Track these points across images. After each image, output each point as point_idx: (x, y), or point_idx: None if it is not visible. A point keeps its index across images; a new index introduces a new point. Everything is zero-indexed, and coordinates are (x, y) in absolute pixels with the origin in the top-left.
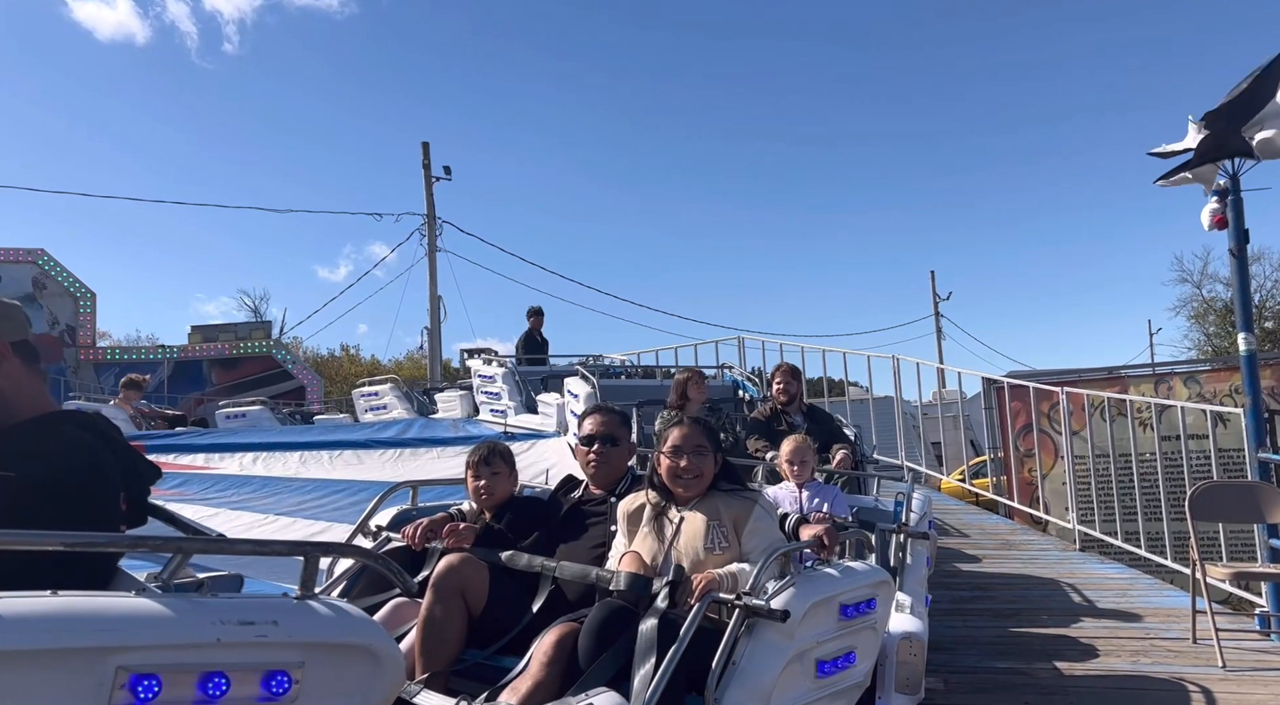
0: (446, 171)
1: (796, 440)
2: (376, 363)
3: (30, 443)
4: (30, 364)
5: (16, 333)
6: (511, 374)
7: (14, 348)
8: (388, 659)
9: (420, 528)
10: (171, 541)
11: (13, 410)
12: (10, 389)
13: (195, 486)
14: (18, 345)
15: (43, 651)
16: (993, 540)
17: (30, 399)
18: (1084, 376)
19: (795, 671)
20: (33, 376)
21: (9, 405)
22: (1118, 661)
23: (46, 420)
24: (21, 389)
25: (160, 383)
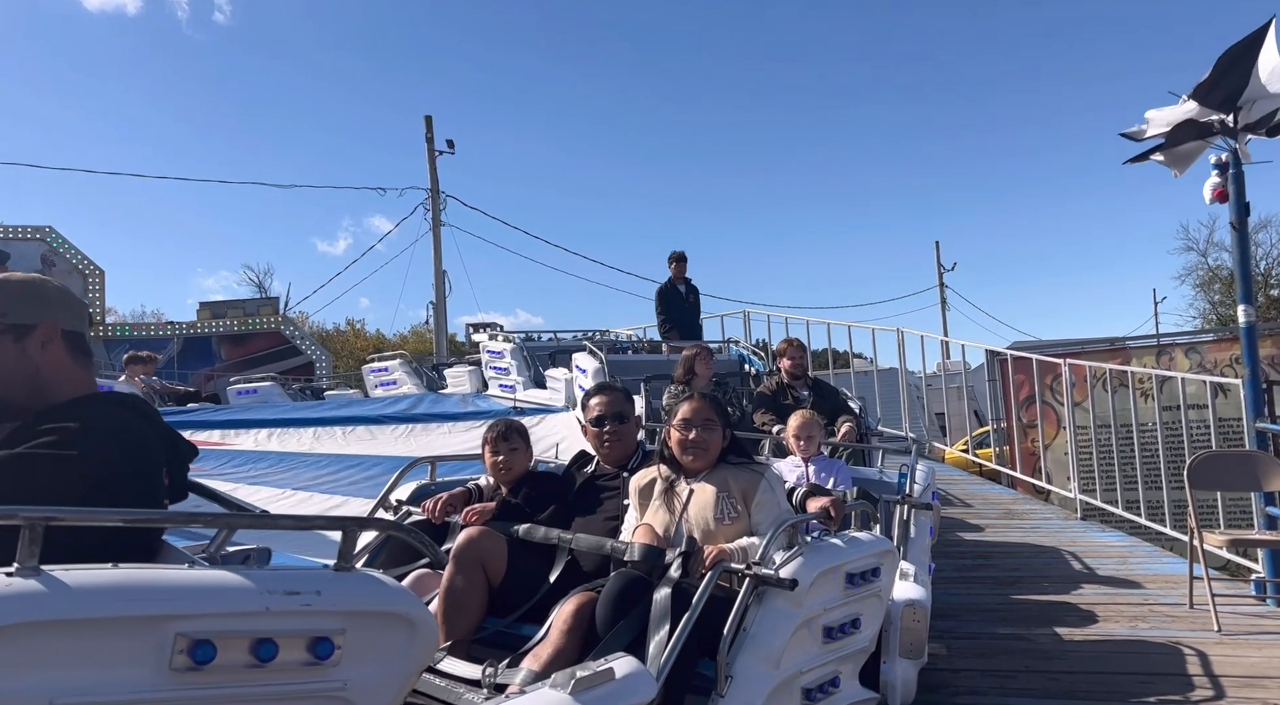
0: (449, 146)
1: (804, 415)
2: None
3: (75, 422)
4: (77, 355)
5: (71, 322)
6: (519, 349)
7: (63, 335)
8: (423, 626)
9: (440, 502)
10: (221, 517)
11: (50, 391)
12: (50, 370)
13: (211, 462)
14: (68, 333)
15: (109, 619)
16: (995, 510)
17: (71, 383)
18: (1087, 348)
19: (804, 637)
20: (77, 364)
21: (46, 386)
22: (1116, 626)
23: (90, 400)
24: (63, 373)
25: (170, 359)
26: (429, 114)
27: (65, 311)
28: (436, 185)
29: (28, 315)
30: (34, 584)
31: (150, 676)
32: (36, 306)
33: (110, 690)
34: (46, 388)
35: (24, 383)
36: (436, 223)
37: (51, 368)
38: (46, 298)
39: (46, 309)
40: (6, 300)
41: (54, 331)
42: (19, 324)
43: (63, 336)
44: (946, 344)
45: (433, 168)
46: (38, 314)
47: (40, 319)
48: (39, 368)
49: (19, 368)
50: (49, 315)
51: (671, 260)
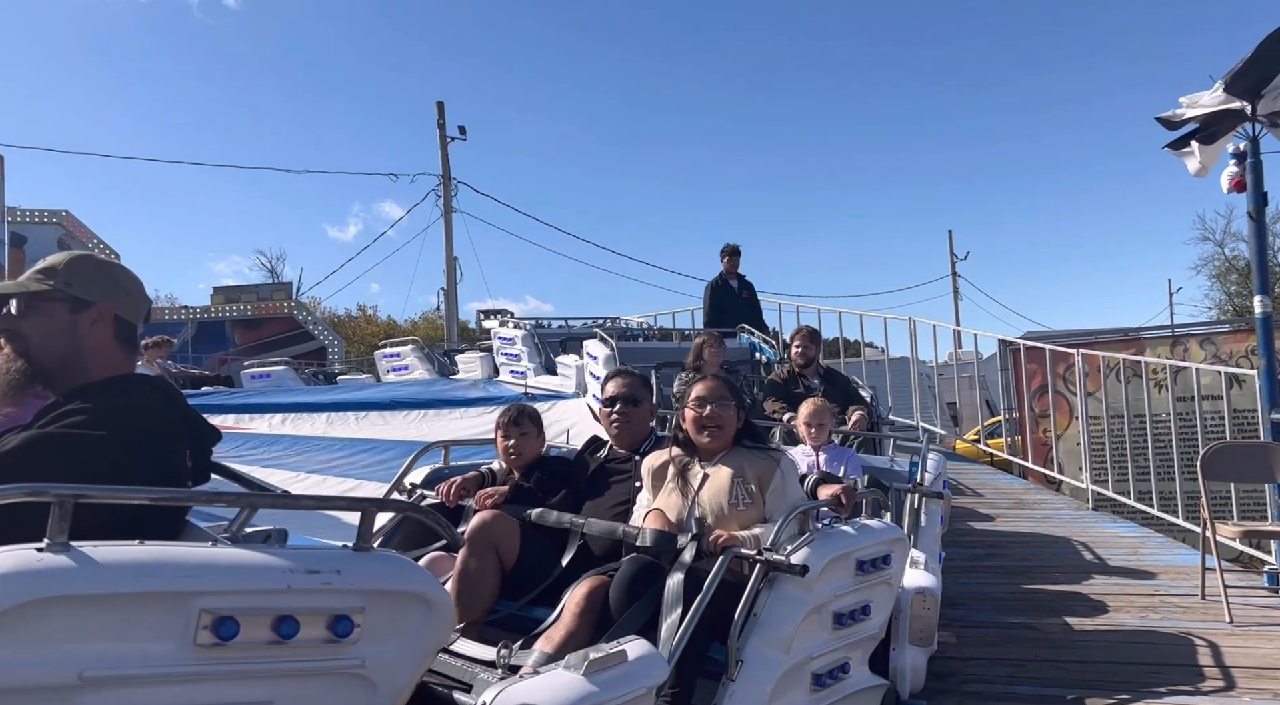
0: (461, 132)
1: (815, 403)
2: (393, 323)
3: (104, 403)
4: (123, 341)
5: (126, 310)
6: (530, 336)
7: (115, 319)
8: (440, 606)
9: (454, 486)
10: (243, 497)
11: (88, 369)
12: (92, 348)
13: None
14: (120, 319)
15: (136, 595)
16: (1006, 500)
17: (109, 365)
18: (1100, 338)
19: (814, 623)
20: (120, 349)
21: (85, 363)
22: (1127, 617)
23: (120, 381)
24: (104, 354)
25: (184, 343)
26: (440, 99)
27: (125, 299)
28: (448, 171)
29: (90, 292)
30: (64, 559)
31: (175, 651)
32: (100, 286)
33: (136, 663)
34: (84, 364)
35: (64, 353)
36: (448, 209)
37: (94, 346)
38: (113, 280)
39: (108, 291)
40: (77, 273)
41: (107, 313)
42: (79, 298)
43: (114, 321)
44: (959, 333)
45: (444, 154)
46: (99, 293)
47: (99, 298)
48: (83, 343)
49: (65, 339)
50: (108, 297)
51: (723, 254)
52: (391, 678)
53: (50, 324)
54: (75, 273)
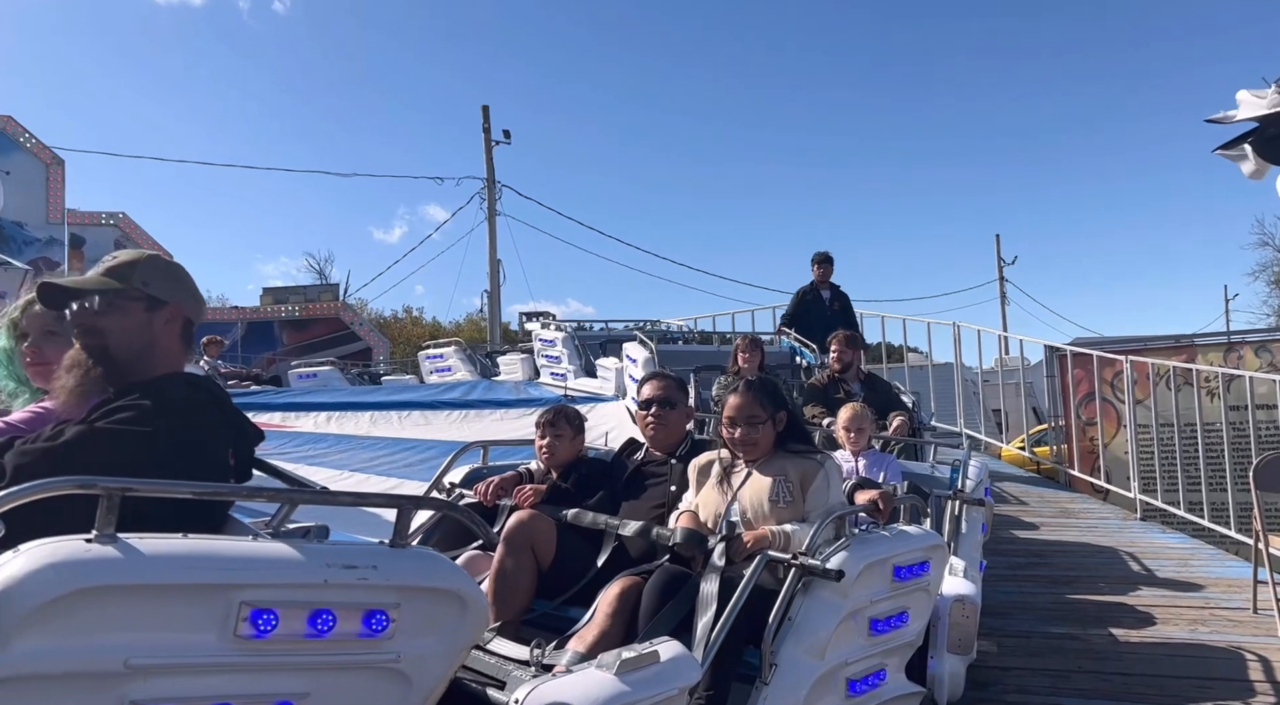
0: (506, 136)
1: (854, 408)
2: (438, 325)
3: (155, 400)
4: (185, 341)
5: (194, 312)
6: (571, 338)
7: (184, 320)
8: (474, 603)
9: (492, 485)
10: (283, 492)
11: (152, 365)
12: (161, 346)
13: (273, 443)
14: (188, 321)
15: (179, 586)
16: (1051, 508)
17: (169, 364)
18: (1149, 344)
19: (849, 628)
20: (182, 348)
21: (152, 359)
22: (1174, 629)
23: (171, 379)
24: (169, 353)
25: (234, 343)
26: (485, 103)
27: (193, 301)
28: (493, 175)
29: (165, 292)
30: (111, 550)
31: (215, 642)
32: (175, 287)
33: (178, 653)
34: (151, 361)
35: (137, 349)
36: (492, 212)
37: (163, 345)
38: (181, 282)
39: (181, 292)
40: (154, 273)
41: (178, 313)
42: (155, 298)
43: (183, 322)
44: (1005, 339)
45: (489, 158)
46: (173, 293)
47: (173, 298)
48: (155, 341)
49: (139, 335)
50: (181, 298)
51: (813, 263)
52: (426, 673)
53: (127, 321)
54: (150, 273)
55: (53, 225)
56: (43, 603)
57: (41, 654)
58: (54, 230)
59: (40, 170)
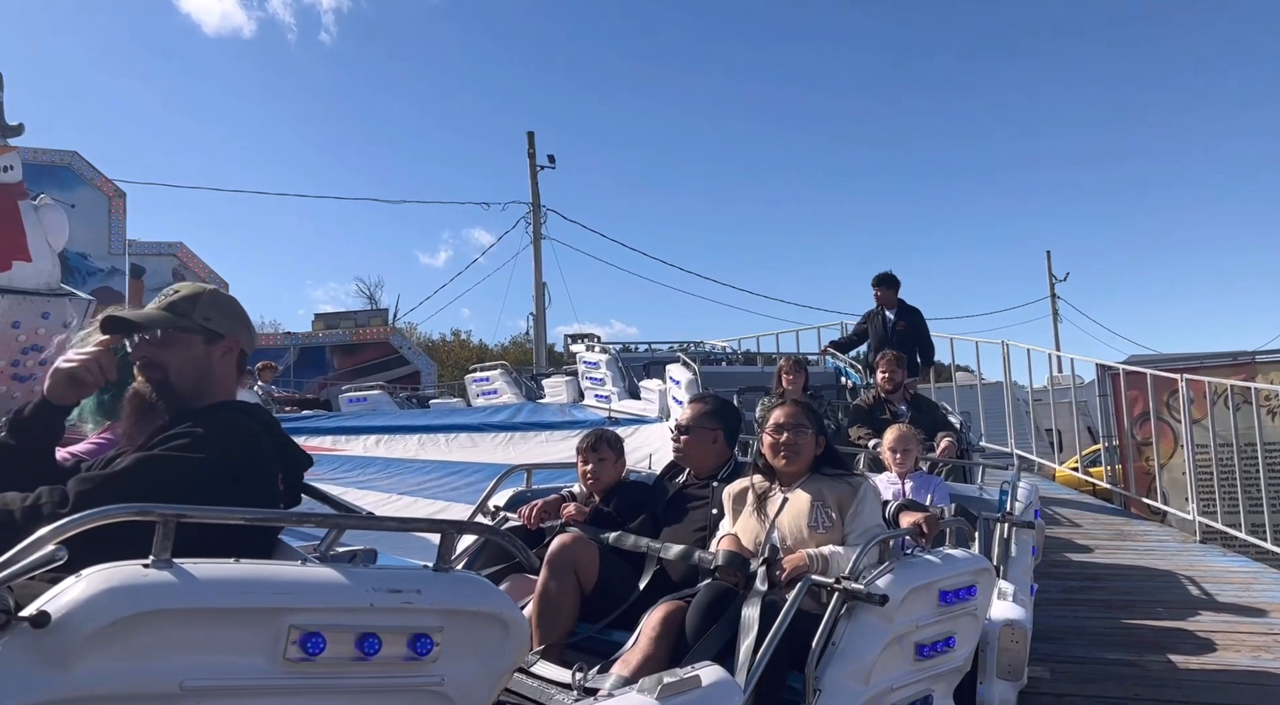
0: (550, 160)
1: (900, 429)
2: (484, 347)
3: (208, 427)
4: (240, 372)
5: (249, 343)
6: (615, 360)
7: (240, 352)
8: (516, 627)
9: (535, 508)
10: (330, 518)
11: (209, 394)
12: (218, 377)
13: (324, 467)
14: (243, 352)
15: (231, 610)
16: (1106, 531)
17: (222, 391)
18: (1206, 362)
19: (894, 653)
20: (236, 377)
21: (209, 389)
22: (1237, 656)
23: (223, 407)
24: (225, 382)
25: (287, 367)
26: (531, 130)
27: (248, 333)
28: (538, 199)
29: (224, 326)
30: (167, 575)
31: (266, 665)
32: (232, 321)
33: (231, 675)
34: (208, 390)
35: (195, 380)
36: (537, 236)
37: (220, 375)
38: (238, 316)
39: (237, 326)
40: (214, 308)
41: (235, 346)
42: (214, 331)
43: (239, 353)
44: (1058, 357)
45: (534, 182)
46: (231, 327)
47: (231, 332)
48: (212, 371)
49: (198, 366)
50: (238, 331)
51: (873, 285)
52: (469, 696)
53: (186, 354)
54: (210, 307)
55: (114, 256)
56: (103, 626)
57: (101, 675)
58: (116, 261)
59: (103, 203)
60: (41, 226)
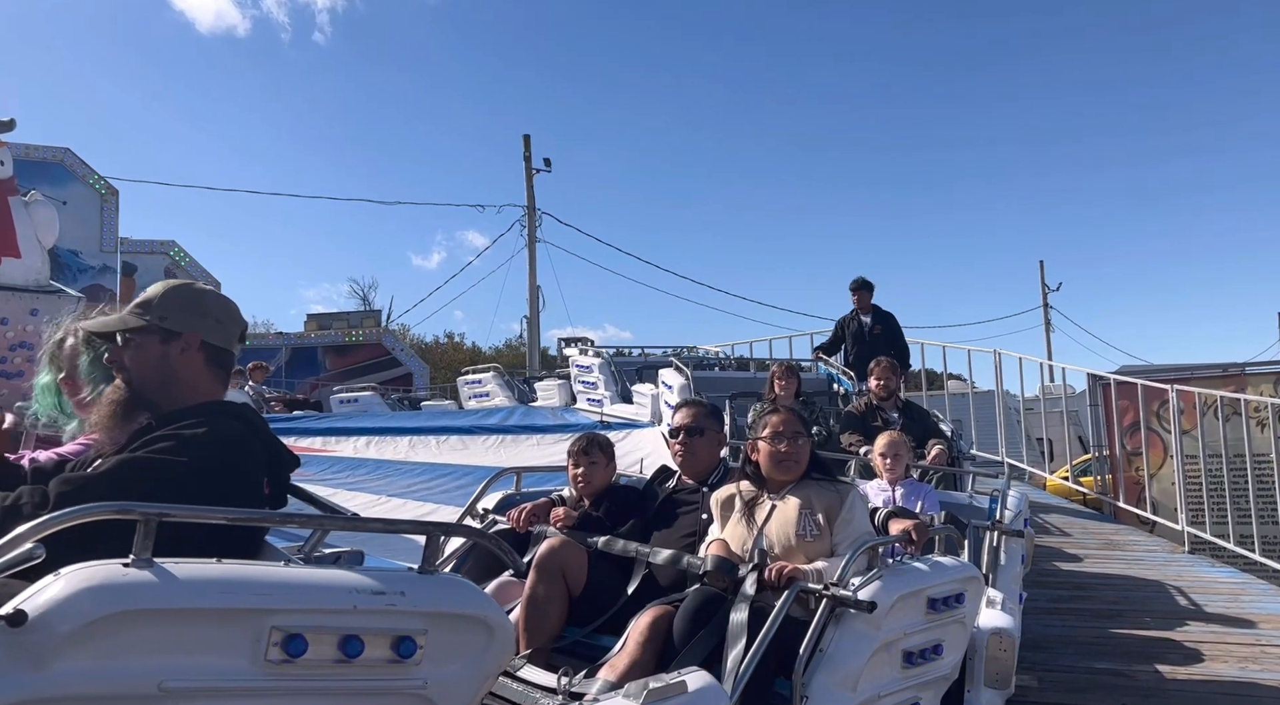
0: (546, 164)
1: (891, 436)
2: (478, 350)
3: (189, 430)
4: (214, 366)
5: (215, 336)
6: (607, 364)
7: (203, 346)
8: (501, 631)
9: (524, 512)
10: (314, 519)
11: (180, 395)
12: (184, 375)
13: (314, 468)
14: (209, 345)
15: (212, 610)
16: (1095, 540)
17: (201, 390)
18: (1197, 373)
19: (882, 660)
20: (212, 375)
21: (178, 389)
22: (1224, 667)
23: (207, 408)
24: (195, 380)
25: (279, 367)
26: (527, 133)
27: (214, 325)
28: (533, 203)
29: (179, 323)
30: (148, 575)
31: (246, 666)
32: (192, 316)
33: (211, 676)
34: (177, 390)
35: (160, 381)
36: (532, 239)
37: (187, 373)
38: (201, 309)
39: (196, 320)
40: (172, 305)
41: (195, 342)
42: (170, 329)
43: (202, 347)
44: (1050, 367)
45: (530, 186)
46: (187, 323)
47: (187, 328)
48: (175, 371)
49: (158, 367)
50: (196, 326)
51: (851, 289)
52: (452, 699)
53: (145, 355)
54: (167, 305)
55: (106, 254)
56: (81, 626)
57: (78, 675)
58: (107, 259)
59: (95, 200)
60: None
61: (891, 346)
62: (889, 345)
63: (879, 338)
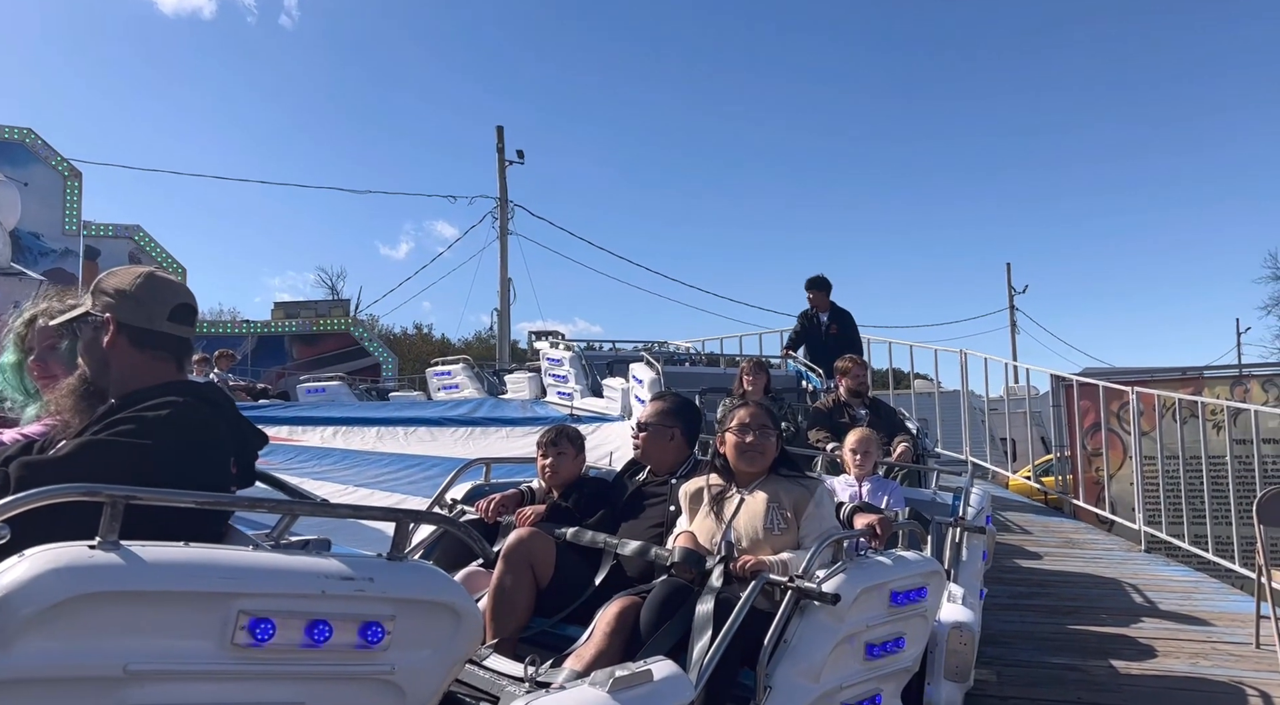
0: (519, 156)
1: (862, 432)
2: (447, 342)
3: (151, 412)
4: (144, 347)
5: (131, 316)
6: (578, 358)
7: (121, 327)
8: (469, 617)
9: (493, 502)
10: (284, 504)
11: (126, 380)
12: (116, 359)
13: (279, 457)
14: (126, 326)
15: (179, 593)
16: (1055, 538)
17: (145, 373)
18: (1156, 376)
19: (845, 652)
20: (146, 355)
21: (121, 375)
22: (1176, 662)
23: (166, 388)
24: (130, 362)
25: (245, 356)
26: (500, 124)
27: (129, 304)
28: (505, 195)
29: (102, 307)
30: (114, 557)
31: (213, 649)
32: (105, 299)
33: (177, 660)
34: (118, 376)
35: (98, 368)
36: (504, 232)
37: (116, 357)
38: (117, 291)
39: (111, 302)
40: (96, 292)
41: (110, 323)
42: (96, 318)
43: (121, 329)
44: (1014, 368)
45: (502, 178)
46: (104, 306)
47: (104, 312)
48: (106, 357)
49: (96, 357)
50: (109, 309)
51: (807, 289)
52: (419, 685)
53: (87, 343)
54: (95, 292)
55: (69, 237)
56: (45, 607)
57: (42, 657)
58: (70, 242)
59: (58, 182)
60: None
61: (849, 345)
62: (845, 344)
63: (834, 337)
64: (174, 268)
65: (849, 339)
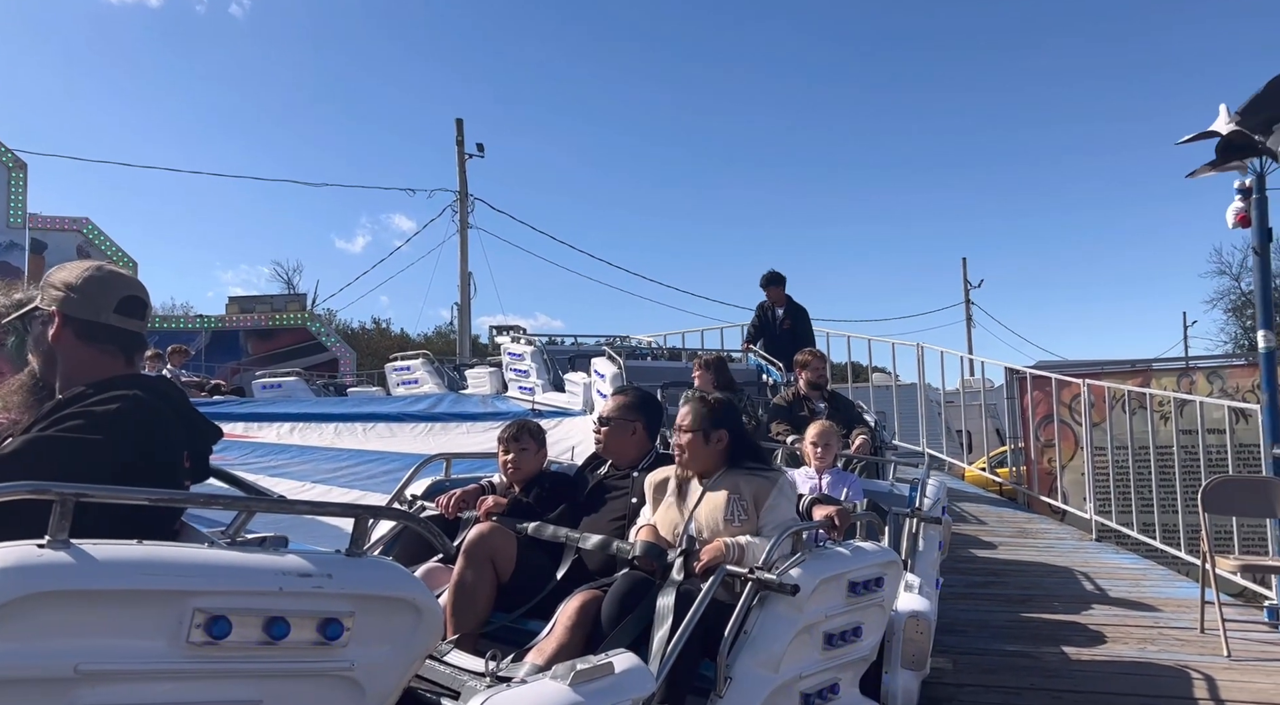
0: (480, 149)
1: (822, 425)
2: (406, 337)
3: (100, 406)
4: (90, 340)
5: (77, 309)
6: (540, 352)
7: (68, 321)
8: (429, 612)
9: (454, 497)
10: (240, 500)
11: (73, 374)
12: (64, 354)
13: (235, 453)
14: (73, 319)
15: (132, 592)
16: (1009, 528)
17: (92, 367)
18: (1107, 368)
19: (804, 642)
20: (94, 349)
21: (67, 369)
22: (1124, 648)
23: (116, 382)
24: (78, 356)
25: (198, 352)
26: (458, 116)
27: (74, 297)
28: (465, 188)
29: (47, 301)
30: (64, 556)
31: (167, 648)
32: (51, 293)
33: (130, 659)
34: (64, 369)
35: (46, 363)
36: (464, 226)
37: (64, 351)
38: (63, 284)
39: (56, 298)
40: (48, 287)
41: (55, 317)
42: (42, 309)
43: (68, 322)
44: (970, 361)
45: (462, 171)
46: (49, 300)
47: (49, 305)
48: (52, 351)
49: (45, 351)
50: (56, 303)
51: (761, 285)
52: (379, 681)
53: (32, 340)
54: (44, 286)
55: (14, 230)
56: None
57: None
58: (15, 235)
59: (2, 174)
60: None
61: (803, 340)
62: (799, 338)
63: (788, 332)
64: (124, 261)
65: (803, 333)
